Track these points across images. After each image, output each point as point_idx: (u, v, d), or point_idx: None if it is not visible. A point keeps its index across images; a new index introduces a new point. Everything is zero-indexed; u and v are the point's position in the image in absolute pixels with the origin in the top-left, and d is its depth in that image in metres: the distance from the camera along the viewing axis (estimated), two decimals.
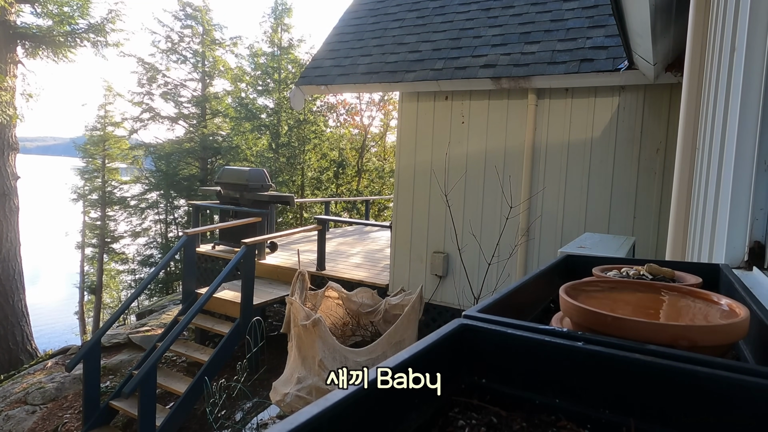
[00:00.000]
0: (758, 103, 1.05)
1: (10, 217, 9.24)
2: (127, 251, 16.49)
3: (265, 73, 16.51)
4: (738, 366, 0.42)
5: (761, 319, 0.59)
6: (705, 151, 1.78)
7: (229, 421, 4.74)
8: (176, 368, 5.74)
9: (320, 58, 6.11)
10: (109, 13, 10.59)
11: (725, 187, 1.16)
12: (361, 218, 14.09)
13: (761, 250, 1.04)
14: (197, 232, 6.31)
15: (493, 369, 0.52)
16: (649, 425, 0.43)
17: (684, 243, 2.24)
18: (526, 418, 0.47)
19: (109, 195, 16.23)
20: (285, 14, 16.75)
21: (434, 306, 5.31)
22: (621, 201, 4.49)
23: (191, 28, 16.42)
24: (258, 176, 7.11)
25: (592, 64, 4.27)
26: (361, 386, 0.41)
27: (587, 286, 0.70)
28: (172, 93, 16.23)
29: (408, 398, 0.45)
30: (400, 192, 5.59)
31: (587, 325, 0.59)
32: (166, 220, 16.57)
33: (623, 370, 0.45)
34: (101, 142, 16.15)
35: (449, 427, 0.46)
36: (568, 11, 4.98)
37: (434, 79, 4.92)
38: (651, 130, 4.35)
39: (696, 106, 2.20)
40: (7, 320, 8.89)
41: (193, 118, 16.53)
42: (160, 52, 16.14)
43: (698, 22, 2.15)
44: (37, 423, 5.10)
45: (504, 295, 0.72)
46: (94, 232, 16.24)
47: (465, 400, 0.50)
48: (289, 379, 3.80)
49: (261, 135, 16.16)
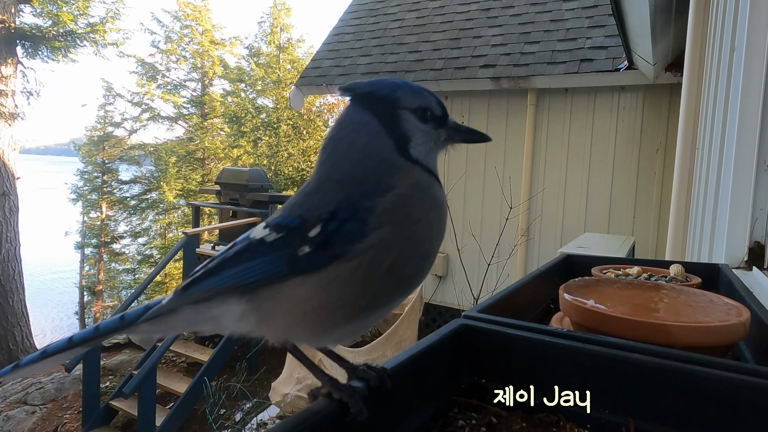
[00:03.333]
0: (758, 103, 1.05)
1: (10, 217, 9.23)
2: (127, 251, 16.48)
3: (264, 73, 16.51)
4: (738, 366, 0.42)
5: (761, 319, 0.59)
6: (705, 151, 1.78)
7: (229, 421, 4.74)
8: (176, 368, 5.73)
9: (320, 58, 6.11)
10: (108, 13, 10.59)
11: (725, 187, 1.16)
12: None
13: (761, 250, 1.04)
14: (197, 232, 6.31)
15: (493, 369, 0.52)
16: (649, 425, 0.43)
17: (684, 243, 2.24)
18: (526, 418, 0.47)
19: (109, 195, 16.22)
20: (284, 14, 16.76)
21: (434, 306, 5.30)
22: (621, 201, 4.49)
23: (191, 28, 16.42)
24: (258, 176, 7.11)
25: (592, 64, 4.26)
26: (361, 386, 0.41)
27: (587, 286, 0.70)
28: (172, 93, 16.24)
29: (408, 398, 0.45)
30: None
31: (587, 325, 0.59)
32: (166, 220, 16.56)
33: (623, 370, 0.45)
34: (101, 142, 16.15)
35: (449, 427, 0.46)
36: (567, 11, 4.98)
37: (434, 79, 4.92)
38: (651, 130, 4.35)
39: (696, 106, 2.20)
40: (6, 320, 8.89)
41: (192, 118, 16.53)
42: (160, 52, 16.15)
43: (698, 22, 2.15)
44: (37, 423, 5.10)
45: (504, 295, 0.72)
46: (94, 232, 16.24)
47: (465, 400, 0.50)
48: (288, 379, 3.80)
49: (260, 135, 16.16)
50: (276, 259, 0.40)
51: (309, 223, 0.40)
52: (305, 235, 0.40)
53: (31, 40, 9.59)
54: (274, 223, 0.42)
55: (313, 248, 0.39)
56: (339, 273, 0.39)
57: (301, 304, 0.39)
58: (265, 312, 0.41)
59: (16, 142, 9.54)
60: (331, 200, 0.40)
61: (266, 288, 0.40)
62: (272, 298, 0.40)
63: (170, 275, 14.87)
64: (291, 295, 0.39)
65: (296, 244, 0.39)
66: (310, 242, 0.39)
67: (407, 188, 0.41)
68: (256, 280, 0.40)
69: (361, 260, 0.38)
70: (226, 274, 0.41)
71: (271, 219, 0.43)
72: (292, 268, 0.39)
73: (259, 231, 0.42)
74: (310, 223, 0.40)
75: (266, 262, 0.40)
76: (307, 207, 0.41)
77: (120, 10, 10.81)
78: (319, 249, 0.39)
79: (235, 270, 0.41)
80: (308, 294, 0.39)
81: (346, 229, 0.38)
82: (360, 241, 0.38)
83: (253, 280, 0.40)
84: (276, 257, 0.40)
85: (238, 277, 0.40)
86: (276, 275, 0.40)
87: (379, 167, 0.42)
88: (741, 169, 1.08)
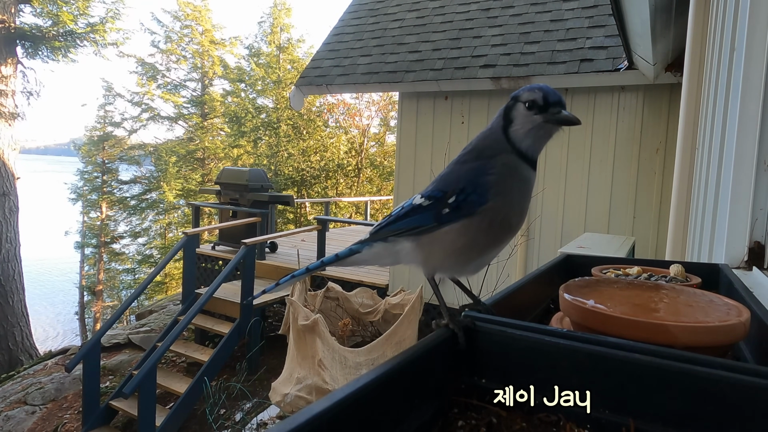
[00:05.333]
0: (758, 103, 1.05)
1: (10, 217, 9.23)
2: (127, 251, 16.48)
3: (265, 73, 16.51)
4: (738, 366, 0.42)
5: (761, 319, 0.59)
6: (705, 151, 1.78)
7: (229, 421, 4.74)
8: (176, 368, 5.73)
9: (320, 58, 6.11)
10: (107, 13, 10.59)
11: (725, 187, 1.16)
12: (361, 218, 14.10)
13: (761, 250, 1.04)
14: (197, 232, 6.30)
15: (493, 369, 0.52)
16: (649, 425, 0.43)
17: (684, 243, 2.24)
18: (526, 418, 0.47)
19: (109, 195, 16.22)
20: (284, 14, 16.75)
21: (434, 306, 5.30)
22: (621, 201, 4.49)
23: (191, 28, 16.42)
24: (258, 176, 7.11)
25: (592, 64, 4.26)
26: (361, 386, 0.41)
27: (587, 286, 0.70)
28: (172, 93, 16.24)
29: (408, 398, 0.45)
30: (399, 192, 5.59)
31: (587, 325, 0.59)
32: (166, 220, 16.56)
33: (623, 370, 0.45)
34: (101, 142, 16.15)
35: (449, 427, 0.46)
36: (567, 11, 4.98)
37: (434, 79, 4.92)
38: (651, 130, 4.35)
39: (696, 106, 2.21)
40: (6, 320, 8.88)
41: (192, 118, 16.53)
42: (160, 52, 16.15)
43: (698, 22, 2.15)
44: (37, 423, 5.10)
45: (504, 295, 0.72)
46: (93, 232, 16.24)
47: (465, 400, 0.50)
48: (288, 379, 3.80)
49: (260, 135, 16.15)
50: (428, 215, 0.62)
51: (447, 195, 0.61)
52: (446, 201, 0.61)
53: (31, 40, 9.59)
54: (427, 194, 0.63)
55: (451, 210, 0.60)
56: (470, 225, 0.59)
57: (449, 244, 0.61)
58: (426, 249, 0.63)
59: (16, 142, 9.53)
60: (460, 179, 0.61)
61: (426, 234, 0.62)
62: (430, 240, 0.62)
63: (170, 275, 14.86)
64: (442, 239, 0.61)
65: (440, 207, 0.61)
66: (448, 206, 0.60)
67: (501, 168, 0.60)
68: (417, 227, 0.62)
69: (483, 217, 0.59)
70: (401, 223, 0.64)
71: (425, 191, 0.65)
72: (438, 221, 0.61)
73: (418, 199, 0.64)
74: (448, 195, 0.61)
75: (422, 217, 0.62)
76: (445, 183, 0.63)
77: (120, 10, 10.81)
78: (455, 210, 0.60)
79: (405, 221, 0.64)
80: (453, 238, 0.61)
81: (470, 199, 0.59)
82: (481, 205, 0.59)
83: (414, 226, 0.63)
84: (428, 214, 0.62)
85: (406, 225, 0.63)
86: (428, 225, 0.62)
87: (493, 144, 0.63)
88: (741, 169, 1.08)
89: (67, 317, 17.17)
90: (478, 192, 0.59)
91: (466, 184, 0.60)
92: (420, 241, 0.63)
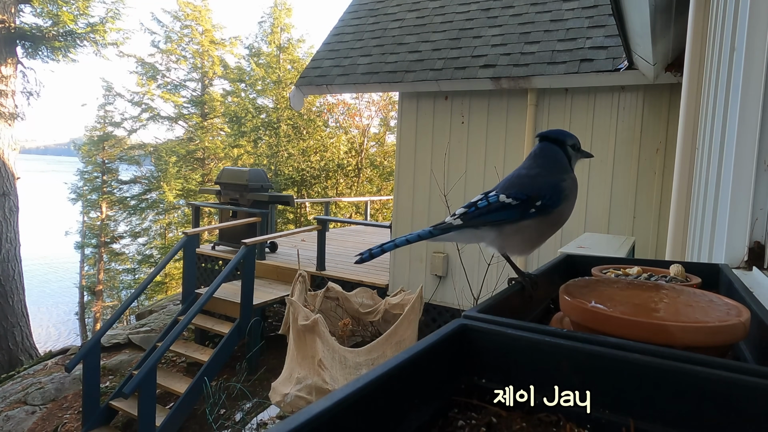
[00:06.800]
0: (758, 103, 1.05)
1: (10, 217, 9.23)
2: (127, 251, 16.48)
3: (265, 73, 16.51)
4: (738, 366, 0.42)
5: (761, 320, 0.59)
6: (705, 151, 1.78)
7: (228, 421, 4.74)
8: (176, 368, 5.73)
9: (320, 58, 6.11)
10: (107, 13, 10.59)
11: (725, 187, 1.16)
12: (361, 218, 14.09)
13: (761, 250, 1.04)
14: (197, 232, 6.31)
15: (493, 369, 0.52)
16: (649, 425, 0.43)
17: (684, 243, 2.24)
18: (526, 418, 0.47)
19: (109, 195, 16.22)
20: (284, 14, 16.75)
21: (434, 306, 5.31)
22: (621, 201, 4.49)
23: (191, 28, 16.42)
24: (258, 176, 7.11)
25: (592, 64, 4.26)
26: (361, 386, 0.41)
27: (587, 286, 0.70)
28: (172, 93, 16.23)
29: (408, 398, 0.45)
30: (399, 192, 5.59)
31: (587, 325, 0.59)
32: (166, 220, 16.55)
33: (623, 370, 0.45)
34: (101, 142, 16.15)
35: (449, 428, 0.46)
36: (567, 11, 4.98)
37: (434, 79, 4.92)
38: (651, 130, 4.35)
39: (696, 106, 2.21)
40: (6, 320, 8.88)
41: (192, 118, 16.53)
42: (160, 52, 16.15)
43: (698, 22, 2.15)
44: (37, 423, 5.10)
45: (504, 296, 0.72)
46: (93, 232, 16.24)
47: (465, 400, 0.50)
48: (288, 379, 3.80)
49: (260, 135, 16.15)
50: (514, 212, 0.79)
51: (533, 198, 0.79)
52: (533, 203, 0.78)
53: (31, 40, 9.59)
54: (513, 195, 0.79)
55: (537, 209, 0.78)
56: (543, 220, 0.79)
57: (526, 234, 0.80)
58: (507, 236, 0.80)
59: (16, 142, 9.54)
60: (542, 185, 0.80)
61: (509, 225, 0.79)
62: (514, 230, 0.79)
63: (170, 275, 14.87)
64: (522, 230, 0.79)
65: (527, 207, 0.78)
66: (535, 207, 0.78)
67: (570, 182, 0.83)
68: (504, 219, 0.79)
69: (555, 216, 0.80)
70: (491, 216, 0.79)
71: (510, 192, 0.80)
72: (522, 216, 0.78)
73: (504, 198, 0.80)
74: (534, 198, 0.78)
75: (510, 212, 0.79)
76: (529, 188, 0.80)
77: (120, 10, 10.81)
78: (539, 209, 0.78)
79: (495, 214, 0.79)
80: (531, 229, 0.79)
81: (549, 202, 0.79)
82: (556, 207, 0.79)
83: (503, 219, 0.79)
84: (514, 211, 0.79)
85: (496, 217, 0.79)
86: (514, 219, 0.78)
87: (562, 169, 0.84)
88: (741, 169, 1.08)
89: (67, 317, 17.18)
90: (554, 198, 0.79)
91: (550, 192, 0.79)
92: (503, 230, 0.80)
